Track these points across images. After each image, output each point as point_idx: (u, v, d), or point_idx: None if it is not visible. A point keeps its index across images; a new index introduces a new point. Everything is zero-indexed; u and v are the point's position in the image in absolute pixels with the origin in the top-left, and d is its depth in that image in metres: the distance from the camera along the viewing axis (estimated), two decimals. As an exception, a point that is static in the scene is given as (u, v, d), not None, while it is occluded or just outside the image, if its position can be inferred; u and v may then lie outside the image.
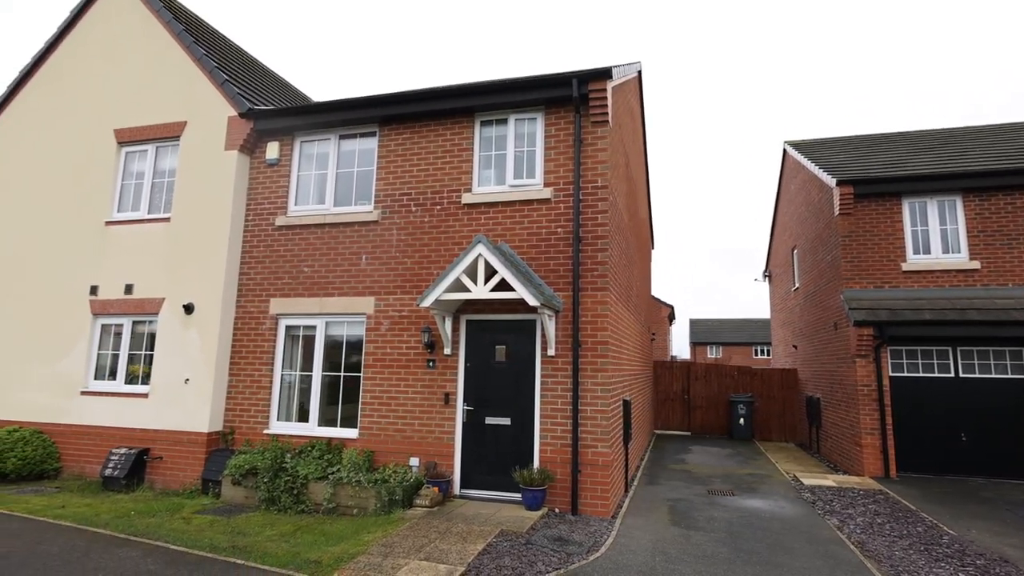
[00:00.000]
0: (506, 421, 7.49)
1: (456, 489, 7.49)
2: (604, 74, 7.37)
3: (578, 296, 7.27)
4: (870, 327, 9.76)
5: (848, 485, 9.09)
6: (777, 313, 18.11)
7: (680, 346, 57.30)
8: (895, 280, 10.31)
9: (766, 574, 5.25)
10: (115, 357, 9.21)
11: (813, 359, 13.30)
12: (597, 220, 7.44)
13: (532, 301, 6.64)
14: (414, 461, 7.65)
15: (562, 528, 6.34)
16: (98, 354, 9.31)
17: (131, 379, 9.05)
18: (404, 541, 5.70)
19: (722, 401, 15.83)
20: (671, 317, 35.34)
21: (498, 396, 7.57)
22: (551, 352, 7.32)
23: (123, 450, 8.45)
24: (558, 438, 7.18)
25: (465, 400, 7.67)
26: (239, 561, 5.22)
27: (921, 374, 9.94)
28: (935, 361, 9.93)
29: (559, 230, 7.56)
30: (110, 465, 8.34)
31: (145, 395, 8.76)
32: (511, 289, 6.94)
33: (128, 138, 9.68)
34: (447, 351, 7.72)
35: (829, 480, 9.48)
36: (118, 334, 9.26)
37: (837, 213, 10.73)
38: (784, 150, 15.21)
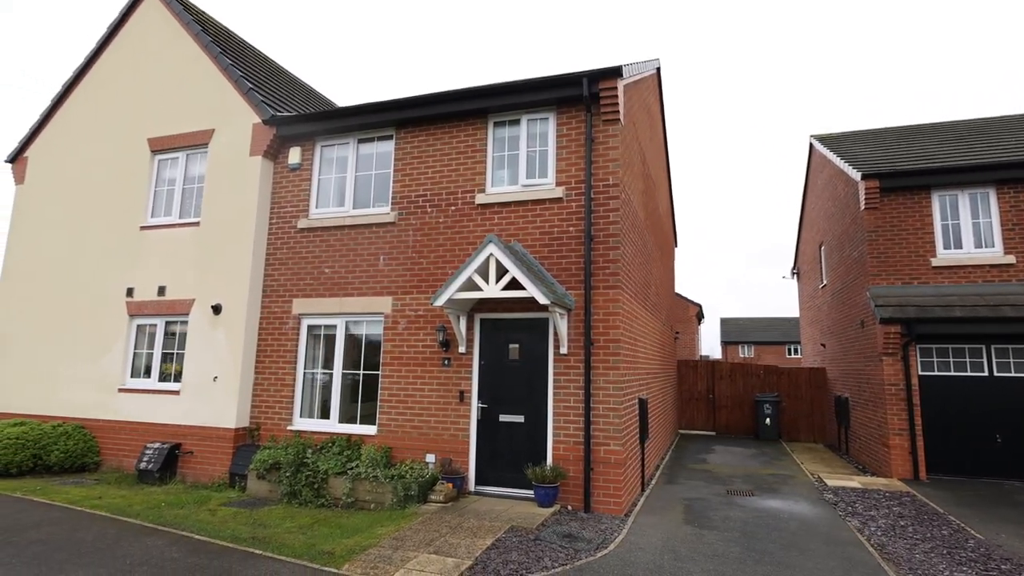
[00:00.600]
0: (520, 419, 7.57)
1: (471, 485, 7.61)
2: (614, 72, 7.38)
3: (590, 294, 7.29)
4: (897, 324, 9.48)
5: (874, 487, 8.87)
6: (805, 311, 17.71)
7: (711, 345, 56.30)
8: (924, 276, 9.99)
9: (776, 574, 5.20)
10: (149, 356, 9.64)
11: (841, 358, 12.98)
12: (609, 218, 7.45)
13: (542, 299, 6.70)
14: (430, 458, 7.79)
15: (573, 525, 6.39)
16: (134, 353, 9.76)
17: (164, 377, 9.46)
18: (415, 535, 5.84)
19: (748, 401, 15.57)
20: (699, 316, 34.81)
21: (512, 394, 7.65)
22: (564, 350, 7.37)
23: (156, 445, 8.84)
24: (571, 436, 7.22)
25: (480, 398, 7.78)
26: (257, 551, 5.44)
27: (953, 373, 9.61)
28: (967, 360, 9.58)
29: (571, 229, 7.60)
30: (144, 459, 8.73)
31: (177, 392, 9.14)
32: (523, 288, 7.01)
33: (161, 146, 10.12)
34: (462, 349, 7.85)
35: (854, 481, 9.26)
36: (152, 334, 9.69)
37: (863, 208, 10.46)
38: (810, 144, 14.87)
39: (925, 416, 9.53)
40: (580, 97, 7.58)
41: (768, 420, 14.62)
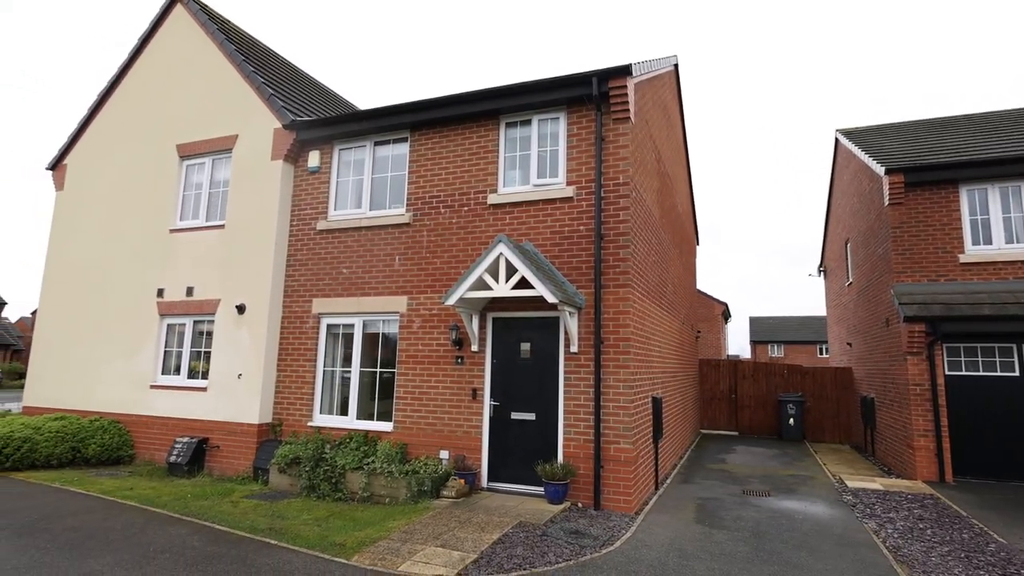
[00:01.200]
0: (531, 416, 7.65)
1: (483, 482, 7.72)
2: (624, 71, 7.39)
3: (600, 293, 7.32)
4: (922, 323, 9.23)
5: (896, 489, 8.66)
6: (832, 309, 17.32)
7: (741, 344, 55.35)
8: (952, 273, 9.70)
9: (783, 574, 5.16)
10: (179, 354, 10.04)
11: (867, 357, 12.67)
12: (619, 217, 7.47)
13: (550, 298, 6.76)
14: (444, 454, 7.93)
15: (581, 522, 6.44)
16: (164, 352, 10.16)
17: (192, 374, 9.84)
18: (425, 529, 5.98)
19: (771, 400, 15.32)
20: (725, 315, 34.26)
21: (523, 392, 7.74)
22: (574, 349, 7.42)
23: (185, 439, 9.20)
24: (581, 433, 7.27)
25: (492, 395, 7.88)
26: (272, 541, 5.66)
27: (981, 372, 9.31)
28: (997, 359, 9.27)
29: (581, 228, 7.64)
30: (174, 453, 9.10)
31: (204, 389, 9.50)
32: (532, 287, 7.07)
33: (188, 152, 10.51)
34: (474, 348, 7.96)
35: (876, 483, 9.06)
36: (181, 333, 10.08)
37: (887, 203, 10.20)
38: (836, 139, 14.54)
39: (952, 417, 9.26)
40: (590, 96, 7.61)
41: (792, 420, 14.36)
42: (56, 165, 11.84)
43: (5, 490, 7.59)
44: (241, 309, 9.36)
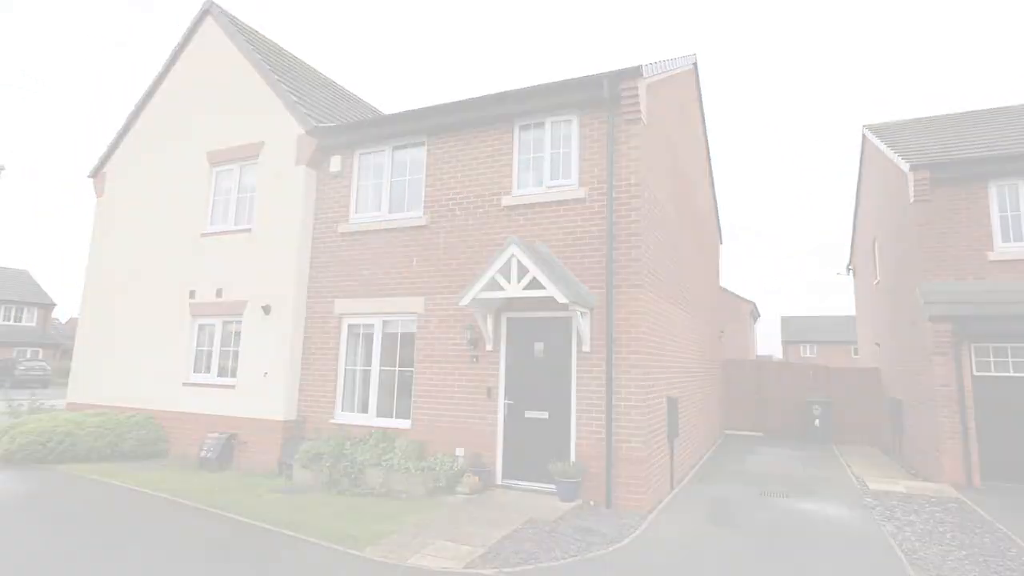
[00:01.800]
0: (544, 415, 7.75)
1: (498, 479, 7.86)
2: (634, 72, 7.43)
3: (612, 293, 7.39)
4: (948, 323, 9.00)
5: (919, 492, 8.47)
6: (861, 309, 16.92)
7: (773, 345, 54.14)
8: (981, 271, 9.42)
9: (789, 574, 5.15)
10: (209, 353, 10.45)
11: (895, 358, 12.38)
12: (631, 217, 7.51)
13: (561, 298, 6.85)
14: (460, 451, 8.10)
15: (591, 520, 6.52)
16: (196, 351, 10.60)
17: (222, 372, 10.24)
18: (437, 523, 6.15)
19: (797, 402, 15.05)
20: (754, 314, 33.57)
21: (537, 391, 7.85)
22: (586, 348, 7.50)
23: (215, 435, 9.59)
24: (594, 432, 7.34)
25: (506, 394, 8.02)
26: (290, 533, 5.90)
27: (1012, 374, 9.02)
28: (1029, 360, 8.97)
29: (593, 229, 7.71)
30: (205, 448, 9.49)
31: (233, 387, 9.87)
32: (544, 287, 7.17)
33: (218, 159, 10.93)
34: (489, 348, 8.11)
35: (899, 486, 8.87)
36: (211, 333, 10.50)
37: (912, 200, 9.97)
38: (863, 135, 14.21)
39: (980, 419, 9.00)
40: (602, 98, 7.68)
41: (817, 422, 14.10)
42: (96, 173, 12.44)
43: (47, 481, 8.07)
44: (267, 310, 9.70)
